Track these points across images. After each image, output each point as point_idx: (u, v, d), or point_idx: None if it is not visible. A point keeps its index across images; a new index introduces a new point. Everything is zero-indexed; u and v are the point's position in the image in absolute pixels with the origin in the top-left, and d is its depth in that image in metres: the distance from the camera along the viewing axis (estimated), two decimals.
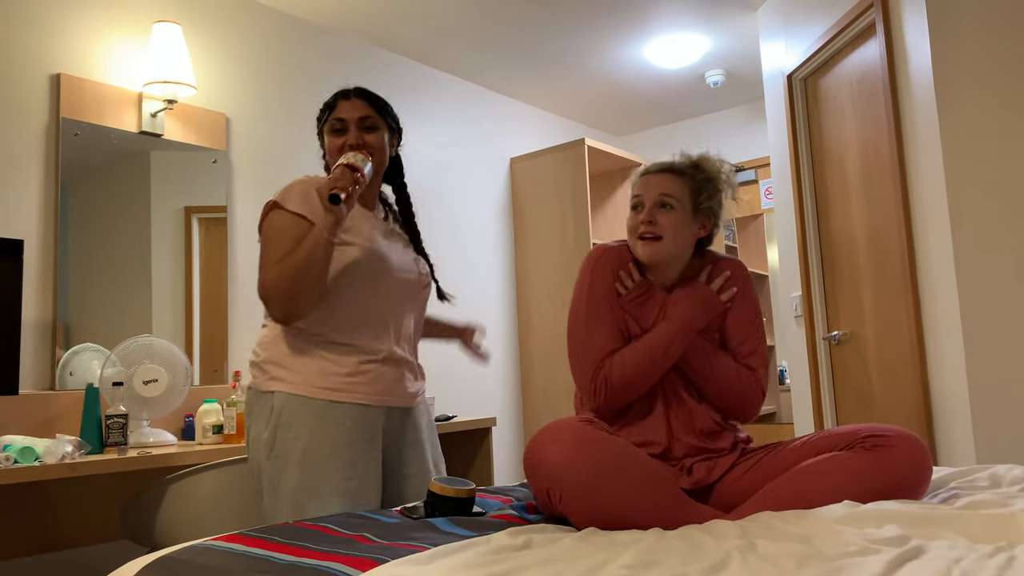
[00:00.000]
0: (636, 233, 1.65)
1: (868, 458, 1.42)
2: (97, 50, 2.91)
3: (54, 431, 2.56)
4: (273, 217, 1.71)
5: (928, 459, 1.44)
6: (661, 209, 1.63)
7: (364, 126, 1.79)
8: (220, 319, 3.16)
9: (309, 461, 1.64)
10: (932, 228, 2.54)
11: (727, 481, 1.60)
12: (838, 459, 1.44)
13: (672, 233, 1.62)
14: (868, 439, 1.44)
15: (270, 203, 1.73)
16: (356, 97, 1.82)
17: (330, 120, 1.82)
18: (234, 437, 2.63)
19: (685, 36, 4.01)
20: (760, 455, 1.60)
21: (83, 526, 2.68)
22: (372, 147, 1.78)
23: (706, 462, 1.61)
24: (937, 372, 2.56)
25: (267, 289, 1.62)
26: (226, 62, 3.30)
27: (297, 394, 1.67)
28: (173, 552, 1.24)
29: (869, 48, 2.90)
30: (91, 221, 2.83)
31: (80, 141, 2.81)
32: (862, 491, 1.38)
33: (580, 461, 1.33)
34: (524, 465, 1.42)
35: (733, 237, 5.30)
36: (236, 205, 3.27)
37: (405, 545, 1.20)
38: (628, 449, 1.40)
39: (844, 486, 1.40)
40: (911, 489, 1.41)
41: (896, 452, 1.41)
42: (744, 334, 1.68)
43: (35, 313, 2.66)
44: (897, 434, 1.44)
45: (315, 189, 1.69)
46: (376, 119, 1.81)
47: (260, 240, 1.72)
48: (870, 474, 1.40)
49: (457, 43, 3.97)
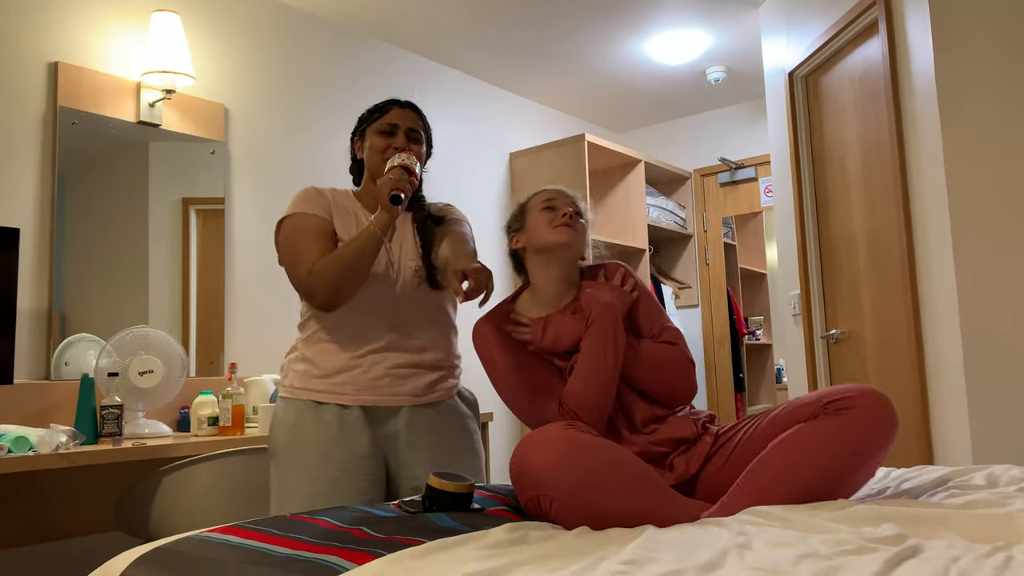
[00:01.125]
0: (557, 223, 1.73)
1: (833, 424, 1.42)
2: (95, 38, 2.89)
3: (49, 421, 2.55)
4: (285, 224, 1.82)
5: (892, 412, 1.44)
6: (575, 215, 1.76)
7: (411, 136, 1.87)
8: (217, 311, 3.15)
9: (288, 456, 1.77)
10: (932, 228, 2.54)
11: (709, 471, 1.59)
12: (803, 432, 1.44)
13: (583, 234, 1.77)
14: (830, 404, 1.45)
15: (279, 222, 1.84)
16: (408, 108, 1.91)
17: (380, 122, 1.88)
18: (229, 429, 2.62)
19: (686, 32, 4.00)
20: (735, 438, 1.60)
21: (77, 517, 2.67)
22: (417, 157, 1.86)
23: (683, 455, 1.61)
24: (935, 372, 2.56)
25: (312, 278, 1.70)
26: (225, 52, 3.28)
27: (288, 396, 1.83)
28: (168, 543, 1.23)
29: (871, 46, 2.89)
30: (88, 211, 2.82)
31: (77, 130, 2.79)
32: (832, 457, 1.40)
33: (567, 467, 1.33)
34: (511, 475, 1.42)
35: (732, 235, 5.30)
36: (234, 196, 3.26)
37: (401, 539, 1.20)
38: (614, 450, 1.40)
39: (815, 456, 1.40)
40: (878, 445, 1.41)
41: (860, 412, 1.42)
42: (652, 317, 1.76)
43: (31, 302, 2.65)
44: (860, 392, 1.44)
45: (377, 183, 1.76)
46: (421, 134, 1.90)
47: (279, 251, 1.81)
48: (836, 440, 1.40)
49: (458, 38, 3.96)
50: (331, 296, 1.69)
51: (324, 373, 1.79)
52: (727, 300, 5.11)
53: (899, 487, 1.59)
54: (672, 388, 1.69)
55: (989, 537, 1.11)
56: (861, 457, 1.40)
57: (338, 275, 1.68)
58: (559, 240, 1.72)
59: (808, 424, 1.45)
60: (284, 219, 1.82)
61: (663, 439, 1.62)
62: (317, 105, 3.63)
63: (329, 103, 3.68)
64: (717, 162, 5.13)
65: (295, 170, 3.49)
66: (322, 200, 1.84)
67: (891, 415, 1.44)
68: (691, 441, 1.63)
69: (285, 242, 1.79)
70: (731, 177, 5.11)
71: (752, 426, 1.59)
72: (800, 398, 1.54)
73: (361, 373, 1.78)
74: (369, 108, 1.94)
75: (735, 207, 5.15)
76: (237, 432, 2.63)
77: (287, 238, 1.79)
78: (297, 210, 1.81)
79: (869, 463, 1.42)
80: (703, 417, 1.69)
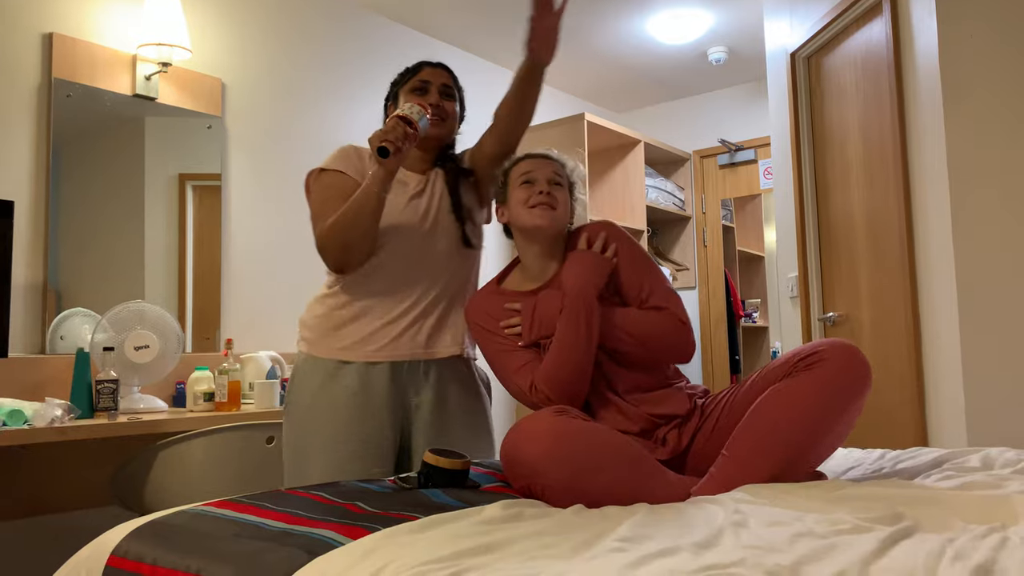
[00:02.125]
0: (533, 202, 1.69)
1: (805, 380, 1.42)
2: (91, 10, 2.85)
3: (44, 395, 2.54)
4: (316, 178, 1.79)
5: (863, 361, 1.44)
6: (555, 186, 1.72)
7: (445, 92, 1.85)
8: (213, 287, 3.13)
9: (308, 418, 1.74)
10: (932, 213, 2.52)
11: (697, 444, 1.60)
12: (779, 391, 1.44)
13: (563, 206, 1.72)
14: (801, 361, 1.45)
15: (311, 171, 1.81)
16: (440, 67, 1.88)
17: (413, 80, 1.85)
18: (225, 405, 2.62)
19: (688, 11, 3.96)
20: (719, 406, 1.60)
21: (73, 491, 2.68)
22: (448, 113, 1.84)
23: (674, 430, 1.61)
24: (932, 356, 2.56)
25: (321, 242, 1.70)
26: (223, 26, 3.25)
27: (312, 354, 1.78)
28: (163, 516, 1.23)
29: (874, 28, 2.86)
30: (84, 185, 2.80)
31: (72, 102, 2.76)
32: (808, 411, 1.40)
33: (559, 453, 1.33)
34: (502, 464, 1.42)
35: (731, 217, 5.28)
36: (231, 172, 3.23)
37: (397, 514, 1.20)
38: (605, 433, 1.40)
39: (792, 413, 1.40)
40: (852, 394, 1.42)
41: (830, 364, 1.42)
42: (639, 280, 1.69)
43: (26, 276, 2.63)
44: (829, 346, 1.45)
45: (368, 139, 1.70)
46: (455, 91, 1.88)
47: (309, 204, 1.79)
48: (810, 395, 1.41)
49: (457, 13, 3.92)
50: (340, 256, 1.69)
51: (353, 330, 1.76)
52: (724, 282, 5.11)
53: (894, 468, 1.59)
54: (659, 355, 1.66)
55: (984, 518, 1.11)
56: (837, 409, 1.41)
57: (341, 235, 1.66)
58: (534, 223, 1.67)
59: (782, 383, 1.45)
60: (316, 172, 1.79)
61: (657, 414, 1.62)
62: (315, 80, 3.59)
63: (327, 78, 3.64)
64: (717, 144, 5.10)
65: (292, 146, 3.47)
66: (358, 162, 1.80)
67: (862, 364, 1.44)
68: (684, 416, 1.62)
69: (313, 198, 1.77)
70: (730, 159, 5.09)
71: (732, 394, 1.60)
72: (774, 360, 1.54)
73: (391, 328, 1.76)
74: (400, 71, 1.90)
75: (734, 189, 5.13)
76: (233, 408, 2.63)
77: (315, 195, 1.77)
78: (330, 167, 1.78)
79: (846, 414, 1.43)
80: (698, 392, 1.69)
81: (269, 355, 2.98)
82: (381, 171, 1.62)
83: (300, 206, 3.45)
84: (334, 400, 1.73)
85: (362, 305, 1.77)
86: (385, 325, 1.76)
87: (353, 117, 3.73)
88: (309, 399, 1.75)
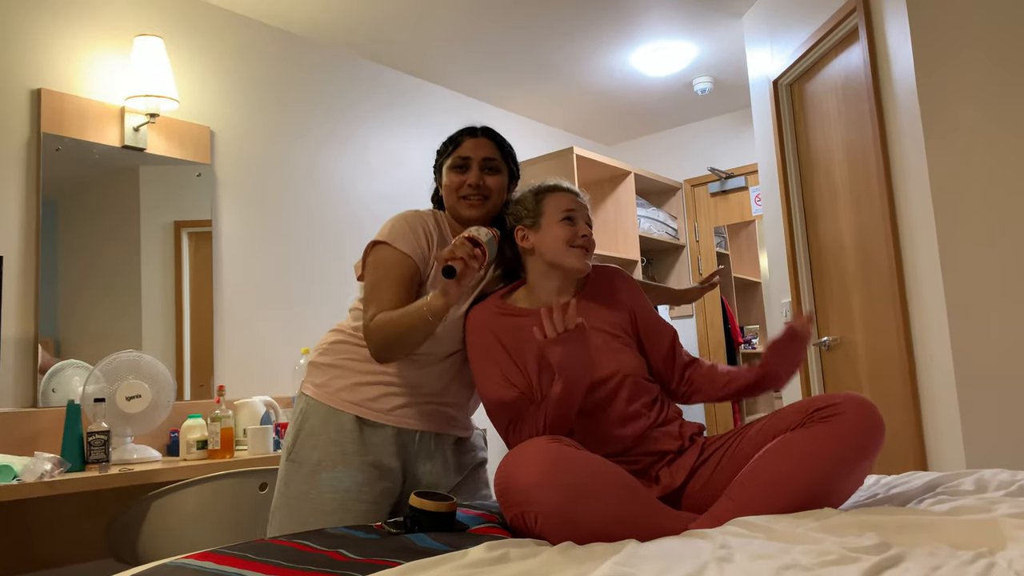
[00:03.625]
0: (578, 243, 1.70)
1: (820, 432, 1.41)
2: (78, 64, 2.89)
3: (35, 449, 2.53)
4: (378, 251, 1.69)
5: (879, 419, 1.43)
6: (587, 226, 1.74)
7: (487, 167, 1.75)
8: (208, 333, 3.13)
9: (320, 474, 1.67)
10: (918, 235, 2.53)
11: (696, 482, 1.58)
12: (791, 440, 1.43)
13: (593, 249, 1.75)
14: (817, 412, 1.44)
15: (373, 242, 1.71)
16: (483, 136, 1.78)
17: (452, 156, 1.76)
18: (219, 452, 2.60)
19: (672, 44, 4.01)
20: (722, 448, 1.58)
21: (67, 545, 2.65)
22: (490, 191, 1.74)
23: (668, 466, 1.59)
24: (926, 377, 2.54)
25: (367, 332, 1.61)
26: (209, 75, 3.29)
27: (327, 404, 1.70)
28: (143, 571, 1.21)
29: (853, 53, 2.89)
30: (81, 237, 2.81)
31: (62, 156, 2.79)
32: (820, 465, 1.38)
33: (553, 482, 1.31)
34: (495, 490, 1.40)
35: (725, 244, 5.29)
36: (221, 218, 3.25)
37: (379, 561, 1.18)
38: (599, 464, 1.39)
39: (803, 465, 1.39)
40: (865, 451, 1.40)
41: (846, 419, 1.41)
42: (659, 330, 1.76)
43: (16, 329, 2.63)
44: (846, 400, 1.43)
45: (435, 256, 1.67)
46: (500, 162, 1.77)
47: (364, 275, 1.71)
48: (825, 447, 1.39)
49: (444, 55, 3.97)
50: (381, 354, 1.60)
51: (371, 392, 1.71)
52: (722, 309, 5.10)
53: (888, 493, 1.57)
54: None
55: (973, 543, 1.09)
56: (849, 464, 1.39)
57: (389, 339, 1.57)
58: (574, 265, 1.68)
59: (795, 433, 1.44)
60: (376, 244, 1.70)
61: (647, 451, 1.60)
62: (303, 126, 3.63)
63: (315, 124, 3.68)
64: (707, 172, 5.13)
65: (282, 192, 3.49)
66: (419, 240, 1.70)
67: (878, 422, 1.42)
68: (675, 453, 1.61)
69: (369, 272, 1.69)
70: (721, 187, 5.11)
71: (739, 437, 1.57)
72: (786, 407, 1.52)
73: (418, 403, 1.73)
74: (444, 140, 1.82)
75: (726, 216, 5.15)
76: (227, 455, 2.61)
77: (370, 270, 1.69)
78: (390, 241, 1.68)
79: (857, 470, 1.41)
80: (692, 430, 1.68)
81: (263, 400, 2.97)
82: (441, 300, 1.49)
83: (290, 251, 3.47)
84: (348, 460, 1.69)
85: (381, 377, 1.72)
86: (412, 399, 1.73)
87: (340, 161, 3.75)
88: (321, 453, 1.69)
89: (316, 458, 1.67)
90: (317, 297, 3.54)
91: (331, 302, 3.56)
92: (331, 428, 1.69)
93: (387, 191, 3.91)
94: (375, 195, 3.85)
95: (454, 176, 1.74)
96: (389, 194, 3.91)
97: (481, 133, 1.78)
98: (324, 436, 1.69)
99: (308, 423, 1.71)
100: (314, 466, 1.67)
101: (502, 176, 1.78)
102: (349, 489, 1.66)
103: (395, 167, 3.99)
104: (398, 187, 3.98)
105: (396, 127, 4.03)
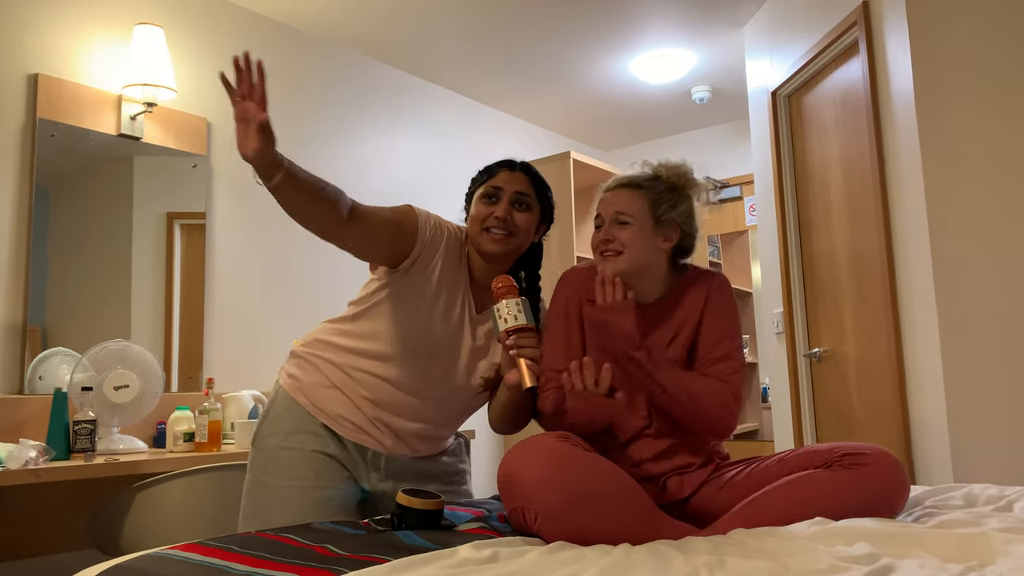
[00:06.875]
0: (598, 250, 1.63)
1: (845, 476, 1.41)
2: (77, 50, 2.87)
3: (20, 436, 2.50)
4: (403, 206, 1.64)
5: (904, 477, 1.43)
6: (619, 226, 1.61)
7: (518, 201, 1.67)
8: (198, 325, 3.11)
9: (278, 461, 1.66)
10: (913, 247, 2.54)
11: (702, 496, 1.58)
12: (815, 477, 1.43)
13: (631, 247, 1.60)
14: (845, 457, 1.44)
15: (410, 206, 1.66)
16: (520, 171, 1.71)
17: (485, 185, 1.68)
18: (205, 445, 2.58)
19: (671, 52, 4.02)
20: (735, 471, 1.58)
21: (49, 534, 2.62)
22: (517, 227, 1.66)
23: (678, 476, 1.59)
24: (916, 390, 2.55)
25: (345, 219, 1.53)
26: (208, 66, 3.27)
27: (296, 400, 1.69)
28: (127, 561, 1.20)
29: (852, 66, 2.90)
30: (73, 224, 2.79)
31: (57, 142, 2.77)
32: (838, 509, 1.37)
33: (556, 481, 1.30)
34: (498, 482, 1.39)
35: (718, 253, 5.30)
36: (216, 211, 3.24)
37: (366, 557, 1.17)
38: (604, 466, 1.38)
39: (820, 504, 1.39)
40: (887, 507, 1.40)
41: (873, 470, 1.41)
42: (716, 339, 1.63)
43: (4, 316, 2.61)
44: (874, 452, 1.43)
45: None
46: (532, 200, 1.69)
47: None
48: (847, 492, 1.39)
49: (445, 55, 3.97)
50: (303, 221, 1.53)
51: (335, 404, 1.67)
52: None
53: None
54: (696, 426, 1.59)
55: (962, 556, 1.09)
56: (869, 513, 1.38)
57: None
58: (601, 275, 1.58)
59: (821, 471, 1.44)
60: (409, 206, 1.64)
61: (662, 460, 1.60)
62: (302, 121, 3.62)
63: (314, 119, 3.67)
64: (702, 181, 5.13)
65: None
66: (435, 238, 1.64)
67: (904, 480, 1.43)
68: (690, 468, 1.61)
69: (384, 208, 1.61)
70: (716, 196, 5.12)
71: (755, 464, 1.58)
72: (811, 446, 1.53)
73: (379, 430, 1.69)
74: (480, 169, 1.74)
75: (720, 226, 5.16)
76: (213, 448, 2.60)
77: (388, 208, 1.61)
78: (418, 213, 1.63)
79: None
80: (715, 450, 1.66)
81: (252, 394, 2.96)
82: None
83: (284, 246, 3.46)
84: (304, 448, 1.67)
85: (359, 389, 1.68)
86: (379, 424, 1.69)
87: (337, 157, 3.74)
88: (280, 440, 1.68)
89: (275, 444, 1.67)
90: (309, 293, 3.53)
91: (323, 299, 3.55)
92: (293, 417, 1.68)
93: (383, 187, 3.90)
94: (371, 191, 3.84)
95: (482, 207, 1.66)
96: (385, 190, 3.90)
97: (519, 167, 1.71)
98: (287, 424, 1.68)
99: (273, 410, 1.71)
100: (273, 452, 1.67)
101: (532, 215, 1.69)
102: (307, 476, 1.64)
103: (392, 164, 3.98)
104: (395, 184, 3.97)
105: (394, 125, 4.03)
